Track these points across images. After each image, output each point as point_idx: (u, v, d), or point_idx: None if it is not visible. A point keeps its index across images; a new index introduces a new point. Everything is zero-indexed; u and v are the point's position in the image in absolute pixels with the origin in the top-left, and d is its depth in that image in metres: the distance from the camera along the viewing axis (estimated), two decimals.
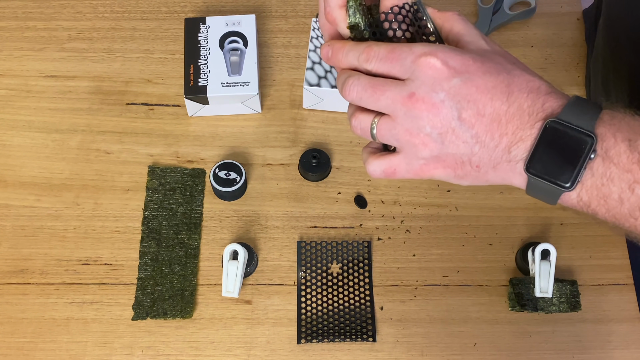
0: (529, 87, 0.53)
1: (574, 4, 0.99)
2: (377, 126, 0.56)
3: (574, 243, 0.85)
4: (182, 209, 0.86)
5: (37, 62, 0.95)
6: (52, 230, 0.85)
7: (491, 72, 0.53)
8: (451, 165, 0.55)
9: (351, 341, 0.80)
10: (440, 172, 0.56)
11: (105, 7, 0.99)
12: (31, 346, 0.80)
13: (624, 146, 0.52)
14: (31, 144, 0.90)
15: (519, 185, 0.55)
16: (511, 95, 0.53)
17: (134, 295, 0.82)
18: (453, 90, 0.52)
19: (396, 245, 0.85)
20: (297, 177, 0.89)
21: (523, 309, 0.80)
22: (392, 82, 0.54)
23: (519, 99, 0.53)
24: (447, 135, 0.53)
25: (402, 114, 0.54)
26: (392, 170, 0.57)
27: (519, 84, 0.53)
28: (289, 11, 0.99)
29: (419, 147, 0.54)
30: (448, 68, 0.52)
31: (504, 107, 0.53)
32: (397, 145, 0.56)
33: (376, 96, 0.54)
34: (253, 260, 0.83)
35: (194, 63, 0.90)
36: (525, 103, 0.53)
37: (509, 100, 0.53)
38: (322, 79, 0.88)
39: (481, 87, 0.52)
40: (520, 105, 0.53)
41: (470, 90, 0.52)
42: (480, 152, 0.54)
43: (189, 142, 0.90)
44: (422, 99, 0.53)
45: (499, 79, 0.53)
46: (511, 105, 0.53)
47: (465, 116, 0.53)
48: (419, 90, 0.53)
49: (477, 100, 0.52)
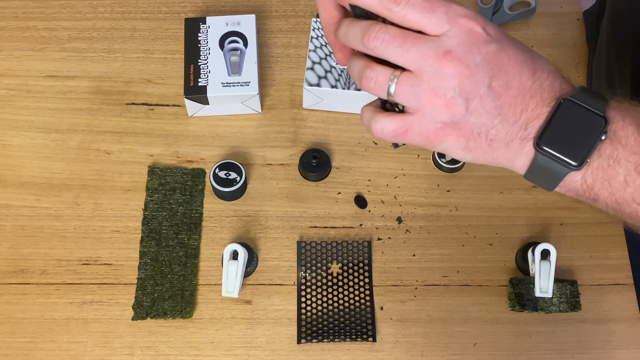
0: (548, 68, 0.54)
1: (574, 4, 1.00)
2: (398, 81, 0.52)
3: (574, 243, 0.85)
4: (182, 209, 0.86)
5: (37, 62, 0.95)
6: (52, 230, 0.85)
7: (520, 48, 0.53)
8: (466, 134, 0.53)
9: (351, 341, 0.80)
10: (452, 140, 0.53)
11: (105, 7, 0.99)
12: (31, 346, 0.80)
13: (632, 129, 0.52)
14: (31, 144, 0.90)
15: (521, 166, 0.54)
16: (536, 72, 0.53)
17: (134, 295, 0.82)
18: (489, 56, 0.51)
19: (396, 245, 0.85)
20: (297, 177, 0.89)
21: (523, 309, 0.80)
22: (425, 37, 0.51)
23: (541, 77, 0.53)
24: (473, 101, 0.51)
25: (432, 70, 0.51)
26: (403, 130, 0.53)
27: (540, 64, 0.53)
28: (289, 11, 0.99)
29: (441, 109, 0.52)
30: (487, 34, 0.51)
31: (529, 83, 0.52)
32: (415, 105, 0.52)
33: (406, 47, 0.51)
34: (253, 260, 0.83)
35: (194, 63, 0.90)
36: (546, 82, 0.53)
37: (534, 77, 0.52)
38: (322, 79, 0.88)
39: (512, 58, 0.52)
40: (542, 84, 0.53)
41: (503, 59, 0.51)
42: (499, 126, 0.52)
43: (189, 142, 0.90)
44: (459, 59, 0.50)
45: (525, 55, 0.53)
46: (535, 82, 0.52)
47: (495, 85, 0.51)
48: (456, 49, 0.50)
49: (508, 71, 0.52)
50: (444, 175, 0.89)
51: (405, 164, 0.89)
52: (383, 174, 0.89)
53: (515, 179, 0.88)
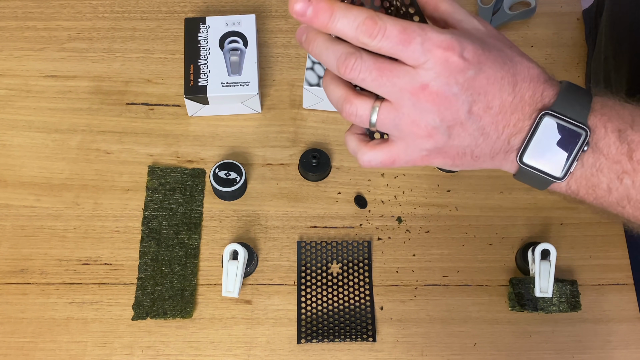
0: (530, 75, 0.52)
1: (574, 4, 1.00)
2: (379, 114, 0.52)
3: (574, 243, 0.85)
4: (182, 209, 0.86)
5: (37, 62, 0.95)
6: (52, 230, 0.85)
7: (498, 62, 0.51)
8: (451, 155, 0.54)
9: (351, 341, 0.80)
10: (439, 161, 0.54)
11: (105, 7, 0.99)
12: (31, 346, 0.80)
13: (614, 137, 0.52)
14: (31, 144, 0.90)
15: (509, 170, 0.55)
16: (516, 85, 0.52)
17: (134, 295, 0.82)
18: (467, 84, 0.50)
19: (396, 245, 0.85)
20: (297, 177, 0.89)
21: (523, 309, 0.80)
22: (401, 68, 0.50)
23: (522, 88, 0.52)
24: (455, 128, 0.52)
25: (410, 104, 0.50)
26: (391, 161, 0.54)
27: (522, 73, 0.52)
28: (289, 11, 0.99)
29: (424, 139, 0.52)
30: (464, 61, 0.49)
31: (509, 98, 0.52)
32: (398, 134, 0.53)
33: (382, 81, 0.50)
34: (253, 260, 0.83)
35: (194, 63, 0.90)
36: (527, 93, 0.52)
37: (514, 91, 0.52)
38: (322, 79, 0.88)
39: (491, 78, 0.51)
40: (522, 96, 0.52)
41: (482, 82, 0.51)
42: (483, 144, 0.53)
43: (189, 142, 0.90)
44: (436, 92, 0.50)
45: (505, 69, 0.51)
46: (516, 96, 0.52)
47: (475, 109, 0.51)
48: (432, 82, 0.49)
49: (487, 93, 0.51)
50: (444, 175, 0.89)
51: None
52: (383, 174, 0.89)
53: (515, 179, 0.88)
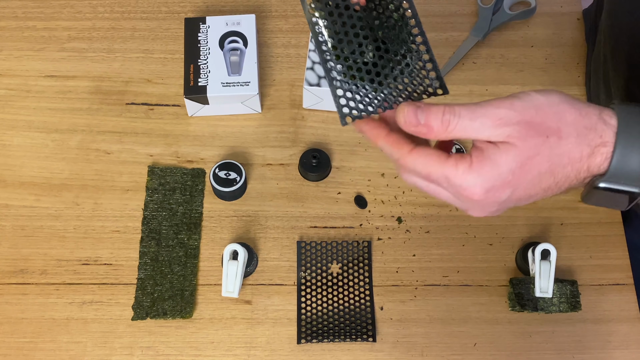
0: (571, 159, 0.55)
1: (574, 4, 0.99)
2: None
3: (574, 243, 0.85)
4: (182, 209, 0.86)
5: (37, 62, 0.95)
6: (52, 230, 0.85)
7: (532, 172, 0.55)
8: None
9: (351, 341, 0.80)
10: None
11: (105, 7, 0.99)
12: (31, 346, 0.80)
13: None
14: (31, 144, 0.90)
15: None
16: (556, 175, 0.56)
17: (133, 295, 0.82)
18: (504, 204, 0.56)
19: (396, 245, 0.85)
20: (297, 177, 0.89)
21: (523, 309, 0.80)
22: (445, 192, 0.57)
23: (562, 173, 0.56)
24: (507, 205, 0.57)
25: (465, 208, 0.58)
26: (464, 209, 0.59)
27: (560, 163, 0.55)
28: (289, 11, 0.99)
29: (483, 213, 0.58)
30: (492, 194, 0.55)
31: (551, 182, 0.56)
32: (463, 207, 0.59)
33: (433, 195, 0.58)
34: (253, 260, 0.83)
35: (194, 63, 0.90)
36: (572, 173, 0.56)
37: (555, 179, 0.56)
38: (322, 79, 0.88)
39: (529, 187, 0.56)
40: (566, 176, 0.56)
41: (519, 194, 0.56)
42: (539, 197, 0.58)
43: (189, 142, 0.90)
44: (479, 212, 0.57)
45: (541, 173, 0.55)
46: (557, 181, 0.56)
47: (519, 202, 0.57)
48: (471, 211, 0.57)
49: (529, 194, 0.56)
50: None
51: None
52: (383, 174, 0.89)
53: None
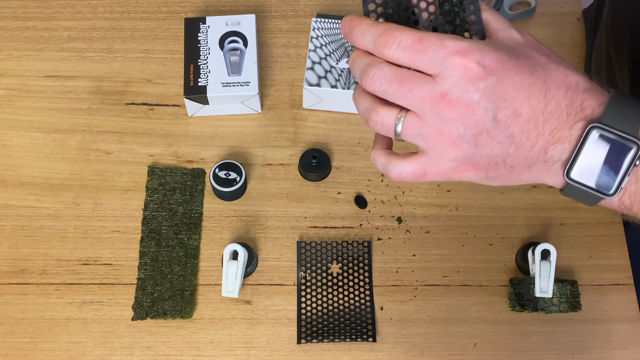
0: (566, 82, 0.50)
1: (574, 4, 1.00)
2: (404, 124, 0.51)
3: (574, 243, 0.85)
4: (182, 209, 0.86)
5: (37, 62, 0.95)
6: (52, 230, 0.85)
7: (526, 68, 0.50)
8: (484, 166, 0.52)
9: (351, 341, 0.80)
10: (472, 174, 0.53)
11: (105, 7, 0.99)
12: (31, 346, 0.80)
13: None
14: (31, 144, 0.90)
15: (554, 184, 0.53)
16: (548, 92, 0.50)
17: (133, 295, 0.82)
18: (489, 90, 0.49)
19: (396, 245, 0.85)
20: (297, 177, 0.89)
21: (523, 309, 0.80)
22: (421, 78, 0.49)
23: (556, 96, 0.50)
24: (482, 136, 0.50)
25: (432, 114, 0.50)
26: (422, 172, 0.53)
27: (556, 80, 0.50)
28: (289, 11, 0.99)
29: (450, 149, 0.51)
30: (483, 68, 0.48)
31: (541, 106, 0.50)
32: (425, 145, 0.52)
33: (403, 92, 0.50)
34: (253, 260, 0.83)
35: (194, 63, 0.90)
36: (564, 101, 0.50)
37: (547, 97, 0.50)
38: (322, 79, 0.88)
39: (517, 84, 0.49)
40: (558, 104, 0.50)
41: (506, 89, 0.49)
42: (516, 153, 0.51)
43: (189, 142, 0.90)
44: (456, 100, 0.49)
45: (534, 76, 0.50)
46: (549, 104, 0.50)
47: (501, 116, 0.49)
48: (452, 90, 0.49)
49: (514, 99, 0.49)
50: None
51: None
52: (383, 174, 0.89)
53: None
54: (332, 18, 0.92)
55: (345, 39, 0.53)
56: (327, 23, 0.92)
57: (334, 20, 0.92)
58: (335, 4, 0.99)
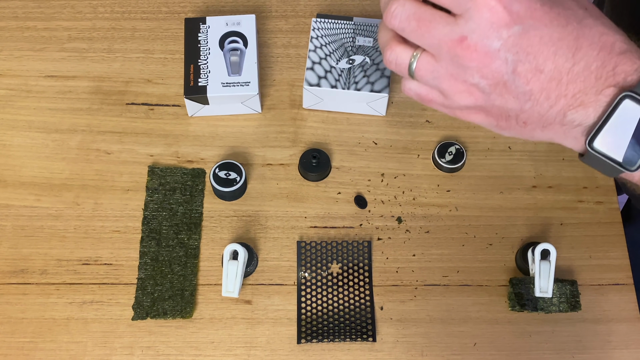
0: (601, 42, 0.46)
1: None
2: (417, 64, 0.49)
3: (574, 243, 0.85)
4: (182, 209, 0.86)
5: (37, 62, 0.95)
6: (52, 230, 0.85)
7: (559, 21, 0.46)
8: (495, 115, 0.50)
9: (351, 341, 0.80)
10: (480, 119, 0.50)
11: (105, 7, 0.99)
12: (31, 346, 0.80)
13: None
14: (31, 144, 0.90)
15: (572, 147, 0.51)
16: (579, 50, 0.46)
17: (134, 295, 0.82)
18: (512, 40, 0.45)
19: (396, 245, 0.85)
20: (297, 177, 0.89)
21: (523, 309, 0.80)
22: (441, 18, 0.47)
23: (587, 56, 0.46)
24: (497, 87, 0.47)
25: (449, 57, 0.47)
26: (429, 99, 0.50)
27: (590, 38, 0.46)
28: (289, 11, 0.99)
29: (463, 95, 0.49)
30: (510, 13, 0.45)
31: (567, 65, 0.46)
32: (437, 86, 0.49)
33: (421, 32, 0.47)
34: (253, 260, 0.83)
35: (194, 63, 0.90)
36: (595, 63, 0.46)
37: (575, 57, 0.46)
38: (322, 79, 0.88)
39: (545, 38, 0.46)
40: (587, 65, 0.46)
41: (532, 40, 0.46)
42: (531, 110, 0.48)
43: (189, 142, 0.90)
44: (474, 46, 0.46)
45: (567, 30, 0.46)
46: (577, 63, 0.46)
47: (520, 70, 0.46)
48: (472, 35, 0.46)
49: (538, 53, 0.46)
50: (444, 175, 0.89)
51: (405, 164, 0.89)
52: (383, 174, 0.89)
53: (515, 179, 0.88)
54: (332, 18, 0.92)
55: (345, 39, 0.52)
56: (327, 23, 0.92)
57: (334, 20, 0.92)
58: (335, 4, 0.99)
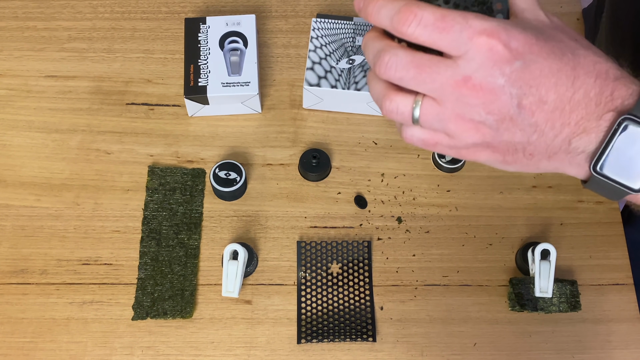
0: (596, 70, 0.48)
1: (574, 4, 0.99)
2: (422, 110, 0.48)
3: (574, 243, 0.85)
4: (182, 209, 0.86)
5: (37, 62, 0.95)
6: (52, 230, 0.85)
7: (555, 53, 0.47)
8: (501, 150, 0.50)
9: (351, 341, 0.80)
10: (487, 156, 0.51)
11: (105, 7, 0.99)
12: (31, 346, 0.80)
13: None
14: (31, 144, 0.90)
15: (576, 175, 0.51)
16: (577, 79, 0.47)
17: (134, 295, 0.82)
18: (515, 75, 0.46)
19: (396, 245, 0.85)
20: (297, 177, 0.89)
21: (523, 309, 0.80)
22: (440, 62, 0.47)
23: (585, 84, 0.47)
24: (504, 122, 0.48)
25: (454, 99, 0.47)
26: (433, 143, 0.50)
27: (585, 67, 0.47)
28: (289, 11, 0.99)
29: (470, 132, 0.49)
30: (510, 50, 0.46)
31: (568, 94, 0.47)
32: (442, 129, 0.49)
33: (422, 78, 0.47)
34: (253, 260, 0.83)
35: (194, 63, 0.90)
36: (593, 90, 0.47)
37: (575, 85, 0.47)
38: (322, 79, 0.88)
39: (545, 70, 0.47)
40: (586, 92, 0.47)
41: (533, 74, 0.47)
42: (537, 142, 0.49)
43: (189, 142, 0.90)
44: (479, 85, 0.46)
45: (563, 61, 0.47)
46: (577, 92, 0.47)
47: (525, 103, 0.47)
48: (475, 74, 0.46)
49: (540, 85, 0.47)
50: (444, 175, 0.89)
51: (405, 164, 0.89)
52: (383, 174, 0.89)
53: (515, 179, 0.88)
54: (332, 18, 0.92)
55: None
56: (327, 23, 0.92)
57: (334, 21, 0.92)
58: (335, 4, 0.99)
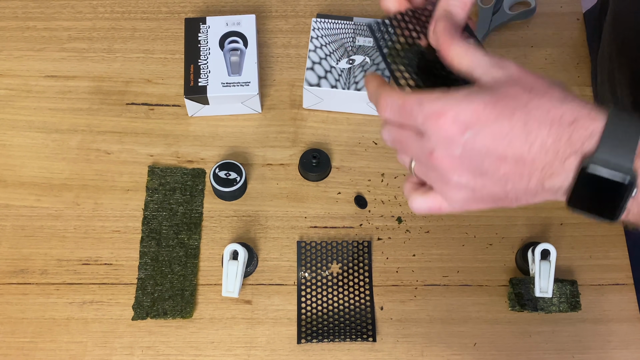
0: (549, 118, 0.50)
1: (574, 4, 0.99)
2: (414, 169, 0.57)
3: (574, 243, 0.85)
4: (182, 209, 0.86)
5: (37, 62, 0.95)
6: (52, 230, 0.85)
7: (504, 114, 0.51)
8: (489, 201, 0.55)
9: (351, 341, 0.80)
10: (482, 207, 0.56)
11: (105, 7, 0.99)
12: (31, 346, 0.80)
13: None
14: (31, 144, 0.90)
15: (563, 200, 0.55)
16: (530, 134, 0.51)
17: (134, 295, 0.82)
18: (469, 145, 0.51)
19: (396, 245, 0.85)
20: (297, 177, 0.89)
21: (523, 309, 0.80)
22: (412, 138, 0.55)
23: (539, 136, 0.50)
24: (477, 181, 0.53)
25: (430, 166, 0.54)
26: (437, 208, 0.57)
27: (538, 118, 0.50)
28: (289, 11, 0.99)
29: (455, 191, 0.55)
30: (458, 124, 0.51)
31: (525, 148, 0.51)
32: (434, 186, 0.56)
33: (403, 149, 0.57)
34: (253, 260, 0.83)
35: (194, 63, 0.90)
36: (549, 139, 0.50)
37: (529, 139, 0.51)
38: (322, 79, 0.88)
39: (496, 134, 0.51)
40: (542, 143, 0.51)
41: (485, 140, 0.51)
42: (514, 189, 0.53)
43: (189, 142, 0.90)
44: (442, 157, 0.53)
45: (513, 121, 0.51)
46: (532, 145, 0.51)
47: (487, 164, 0.52)
48: (436, 149, 0.53)
49: (496, 148, 0.51)
50: None
51: None
52: (383, 174, 0.89)
53: None
54: (332, 18, 0.92)
55: (343, 40, 0.58)
56: (327, 23, 0.92)
57: (334, 21, 0.92)
58: (335, 4, 0.99)
